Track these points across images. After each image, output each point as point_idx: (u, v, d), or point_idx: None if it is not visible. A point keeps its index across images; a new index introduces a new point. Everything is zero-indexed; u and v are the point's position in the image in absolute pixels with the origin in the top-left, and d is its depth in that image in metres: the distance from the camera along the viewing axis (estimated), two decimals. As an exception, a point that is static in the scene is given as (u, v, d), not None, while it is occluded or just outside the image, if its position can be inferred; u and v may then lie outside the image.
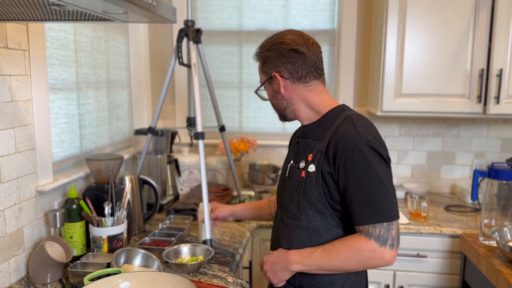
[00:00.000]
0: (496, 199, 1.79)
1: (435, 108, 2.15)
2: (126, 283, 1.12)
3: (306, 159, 1.27)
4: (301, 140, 1.33)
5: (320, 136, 1.26)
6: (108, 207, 1.57)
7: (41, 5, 0.83)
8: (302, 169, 1.26)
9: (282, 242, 1.33)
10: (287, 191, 1.32)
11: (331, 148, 1.19)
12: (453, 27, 2.08)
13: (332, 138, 1.21)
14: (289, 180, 1.32)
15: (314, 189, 1.22)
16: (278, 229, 1.37)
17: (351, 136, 1.17)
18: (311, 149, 1.27)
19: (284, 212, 1.34)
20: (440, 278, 2.02)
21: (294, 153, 1.34)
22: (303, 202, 1.25)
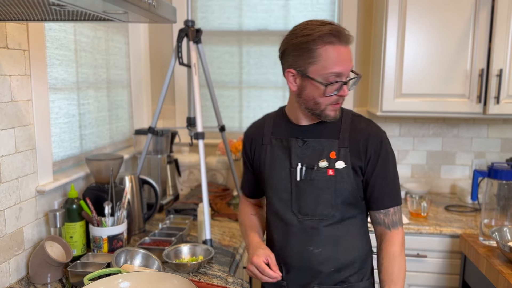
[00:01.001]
0: (496, 199, 1.79)
1: (435, 108, 2.15)
2: (126, 283, 1.12)
3: (328, 158, 1.27)
4: (311, 140, 1.29)
5: (333, 134, 1.29)
6: (108, 207, 1.57)
7: (41, 5, 0.83)
8: (327, 168, 1.26)
9: (311, 247, 1.29)
10: (308, 196, 1.27)
11: (358, 143, 1.28)
12: (453, 27, 2.08)
13: (353, 134, 1.28)
14: (308, 183, 1.27)
15: (347, 184, 1.26)
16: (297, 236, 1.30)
17: (376, 130, 1.30)
18: (330, 147, 1.27)
19: (305, 217, 1.28)
20: (440, 278, 2.02)
21: (294, 154, 1.29)
22: (335, 200, 1.27)
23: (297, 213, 1.30)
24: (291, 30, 1.25)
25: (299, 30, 1.21)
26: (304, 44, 1.18)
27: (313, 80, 1.20)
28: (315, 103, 1.23)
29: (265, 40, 2.60)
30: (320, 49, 1.17)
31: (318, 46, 1.17)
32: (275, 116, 1.40)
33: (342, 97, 1.23)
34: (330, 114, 1.25)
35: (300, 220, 1.30)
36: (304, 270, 1.31)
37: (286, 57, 1.24)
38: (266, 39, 2.60)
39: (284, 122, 1.35)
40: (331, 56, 1.17)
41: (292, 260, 1.32)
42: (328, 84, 1.19)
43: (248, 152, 1.42)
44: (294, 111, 1.32)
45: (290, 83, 1.26)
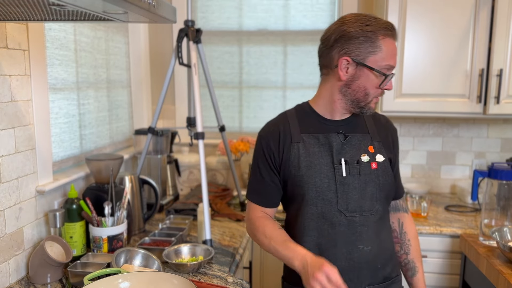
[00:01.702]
0: (496, 199, 1.78)
1: (435, 108, 2.15)
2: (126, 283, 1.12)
3: (368, 151, 1.28)
4: (350, 135, 1.28)
5: (363, 128, 1.32)
6: (108, 207, 1.57)
7: (41, 5, 0.83)
8: (370, 162, 1.27)
9: (362, 246, 1.25)
10: (354, 191, 1.25)
11: (386, 136, 1.34)
12: (453, 27, 2.08)
13: (380, 129, 1.34)
14: (355, 178, 1.25)
15: (387, 176, 1.30)
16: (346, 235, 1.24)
17: (392, 124, 1.41)
18: (366, 142, 1.29)
19: (353, 214, 1.24)
20: (440, 278, 2.01)
21: (336, 150, 1.26)
22: (379, 194, 1.28)
23: (344, 211, 1.24)
24: (341, 19, 1.23)
25: (353, 19, 1.20)
26: (368, 33, 1.18)
27: (372, 70, 1.20)
28: (365, 94, 1.23)
29: (265, 40, 2.60)
30: (382, 40, 1.18)
31: (381, 37, 1.18)
32: (297, 113, 1.34)
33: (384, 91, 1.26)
34: (372, 107, 1.26)
35: (349, 218, 1.24)
36: (353, 271, 1.25)
37: (342, 45, 1.20)
38: (266, 39, 2.60)
39: (314, 117, 1.31)
40: (389, 49, 1.20)
41: (341, 263, 1.24)
42: (388, 75, 1.21)
43: (273, 153, 1.29)
44: (330, 104, 1.29)
45: (341, 71, 1.21)
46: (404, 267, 1.40)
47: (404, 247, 1.39)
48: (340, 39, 1.20)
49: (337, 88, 1.26)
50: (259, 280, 2.17)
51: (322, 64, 1.29)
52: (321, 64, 1.29)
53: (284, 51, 2.60)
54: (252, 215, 1.34)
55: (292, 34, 2.58)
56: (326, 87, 1.29)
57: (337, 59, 1.22)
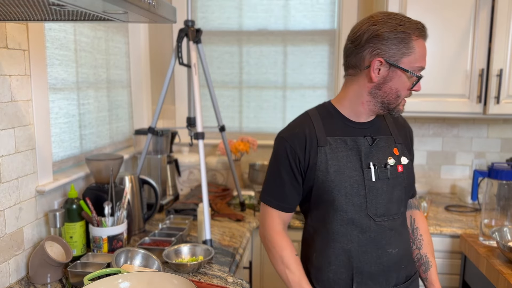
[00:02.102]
0: (496, 199, 1.79)
1: (435, 108, 2.15)
2: (126, 283, 1.12)
3: (393, 154, 1.27)
4: (377, 137, 1.26)
5: (386, 130, 1.31)
6: (108, 207, 1.57)
7: (41, 5, 0.83)
8: (397, 165, 1.26)
9: (391, 250, 1.25)
10: (383, 195, 1.23)
11: (406, 138, 1.35)
12: (453, 27, 2.08)
13: (400, 130, 1.34)
14: (384, 183, 1.23)
15: (411, 178, 1.32)
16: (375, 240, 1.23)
17: (407, 123, 1.40)
18: (390, 144, 1.28)
19: (382, 219, 1.23)
20: (440, 278, 2.00)
21: (365, 153, 1.23)
22: (405, 196, 1.29)
23: (374, 216, 1.22)
24: (371, 18, 1.18)
25: (384, 19, 1.16)
26: (401, 34, 1.14)
27: (406, 71, 1.16)
28: (397, 96, 1.20)
29: (265, 40, 2.60)
30: (415, 41, 1.16)
31: (414, 38, 1.15)
32: (320, 114, 1.28)
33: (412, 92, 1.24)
34: (401, 108, 1.24)
35: (378, 223, 1.23)
36: (382, 274, 1.25)
37: (375, 45, 1.16)
38: (266, 39, 2.60)
39: (339, 119, 1.27)
40: (422, 50, 1.17)
41: (371, 267, 1.23)
42: (420, 77, 1.19)
43: (299, 156, 1.23)
44: (357, 106, 1.24)
45: (373, 73, 1.17)
46: (417, 262, 1.38)
47: (417, 242, 1.39)
48: (373, 39, 1.16)
49: (367, 90, 1.21)
50: (259, 280, 2.17)
51: (350, 64, 1.23)
52: (348, 64, 1.23)
53: (284, 51, 2.60)
54: (270, 225, 1.30)
55: (292, 34, 2.58)
56: (353, 88, 1.24)
57: (369, 59, 1.17)
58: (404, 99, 1.23)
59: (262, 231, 1.33)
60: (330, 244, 1.24)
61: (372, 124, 1.28)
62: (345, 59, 1.25)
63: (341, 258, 1.23)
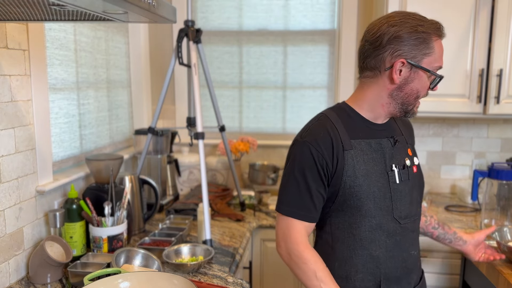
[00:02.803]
0: (496, 199, 1.79)
1: (435, 108, 2.15)
2: (126, 283, 1.12)
3: (408, 155, 1.27)
4: (398, 139, 1.26)
5: (398, 131, 1.31)
6: (108, 207, 1.57)
7: (41, 5, 0.83)
8: (412, 166, 1.27)
9: (413, 252, 1.26)
10: (405, 197, 1.22)
11: (411, 136, 1.36)
12: (453, 27, 2.08)
13: (406, 129, 1.35)
14: (406, 185, 1.23)
15: (422, 178, 1.32)
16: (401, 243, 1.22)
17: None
18: (404, 145, 1.29)
19: (406, 221, 1.23)
20: (440, 278, 2.01)
21: (388, 156, 1.22)
22: (420, 197, 1.30)
23: (399, 219, 1.20)
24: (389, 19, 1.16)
25: (404, 19, 1.14)
26: (422, 34, 1.13)
27: (427, 71, 1.15)
28: (416, 97, 1.19)
29: (265, 40, 2.60)
30: (435, 42, 1.15)
31: (434, 38, 1.15)
32: (338, 115, 1.23)
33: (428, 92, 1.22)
34: (415, 110, 1.23)
35: (403, 226, 1.21)
36: (406, 277, 1.24)
37: (396, 46, 1.13)
38: (266, 39, 2.60)
39: (361, 122, 1.23)
40: (440, 50, 1.17)
41: (397, 271, 1.22)
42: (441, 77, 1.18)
43: (327, 162, 1.17)
44: (376, 108, 1.22)
45: (395, 74, 1.15)
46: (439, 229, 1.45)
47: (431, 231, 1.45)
48: (394, 40, 1.13)
49: (387, 92, 1.19)
50: (259, 280, 2.17)
51: (368, 65, 1.19)
52: (366, 65, 1.20)
53: (284, 51, 2.60)
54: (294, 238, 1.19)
55: (292, 34, 2.58)
56: (372, 90, 1.20)
57: (390, 61, 1.15)
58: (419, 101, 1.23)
59: (286, 247, 1.20)
60: (357, 251, 1.20)
61: (388, 126, 1.27)
62: (363, 60, 1.21)
63: (369, 266, 1.19)
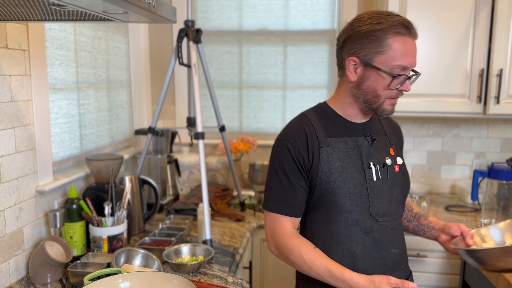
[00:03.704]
0: (496, 199, 1.79)
1: (435, 108, 2.15)
2: (126, 283, 1.12)
3: (390, 155, 1.28)
4: (376, 138, 1.27)
5: (382, 131, 1.32)
6: (108, 207, 1.57)
7: (41, 5, 0.83)
8: (394, 165, 1.27)
9: (393, 250, 1.25)
10: (383, 195, 1.23)
11: (398, 139, 1.37)
12: (453, 27, 2.08)
13: (392, 130, 1.36)
14: (384, 183, 1.24)
15: (407, 179, 1.32)
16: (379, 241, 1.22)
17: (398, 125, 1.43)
18: (386, 144, 1.30)
19: (384, 219, 1.23)
20: (440, 278, 2.01)
21: (365, 153, 1.24)
22: (403, 196, 1.30)
23: (376, 216, 1.22)
24: (355, 18, 1.19)
25: (366, 17, 1.16)
26: (375, 32, 1.13)
27: (379, 70, 1.15)
28: (375, 96, 1.18)
29: (265, 40, 2.60)
30: (390, 39, 1.13)
31: (389, 36, 1.13)
32: (317, 114, 1.27)
33: (402, 92, 1.19)
34: (387, 108, 1.20)
35: (380, 223, 1.22)
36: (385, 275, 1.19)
37: (350, 44, 1.17)
38: (266, 39, 2.60)
39: (337, 120, 1.26)
40: (400, 48, 1.13)
41: (376, 269, 1.21)
42: (395, 76, 1.15)
43: (303, 157, 1.20)
44: (347, 106, 1.25)
45: (350, 73, 1.18)
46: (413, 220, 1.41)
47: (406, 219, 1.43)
48: (349, 39, 1.17)
49: (350, 90, 1.22)
50: (259, 280, 2.17)
51: (337, 65, 1.26)
52: (337, 65, 1.26)
53: (284, 51, 2.60)
54: (280, 231, 1.22)
55: (292, 34, 2.58)
56: (342, 88, 1.25)
57: (345, 59, 1.19)
58: (392, 99, 1.20)
59: (274, 242, 1.23)
60: (334, 247, 1.21)
61: (368, 125, 1.29)
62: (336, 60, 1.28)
63: (346, 261, 1.20)
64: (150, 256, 1.45)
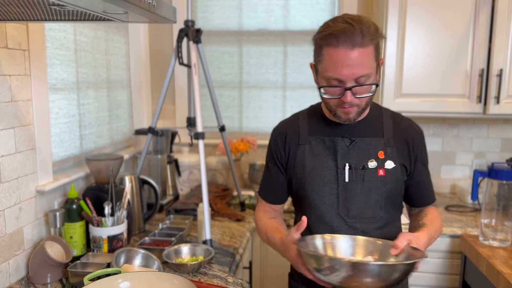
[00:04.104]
0: (496, 199, 1.79)
1: (435, 108, 2.15)
2: (126, 283, 1.12)
3: (377, 157, 1.23)
4: (358, 139, 1.24)
5: (376, 133, 1.26)
6: (108, 207, 1.57)
7: (41, 5, 0.83)
8: (377, 168, 1.23)
9: None
10: (357, 197, 1.23)
11: (404, 142, 1.27)
12: (453, 27, 2.08)
13: (398, 133, 1.27)
14: (359, 184, 1.23)
15: (396, 184, 1.25)
16: None
17: (417, 128, 1.31)
18: (376, 147, 1.24)
19: (354, 221, 1.23)
20: (440, 278, 2.01)
21: (341, 154, 1.24)
22: (385, 201, 1.24)
23: (345, 217, 1.23)
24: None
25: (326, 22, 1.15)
26: (317, 40, 1.14)
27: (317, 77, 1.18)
28: (326, 102, 1.20)
29: (265, 40, 2.60)
30: (325, 49, 1.11)
31: (323, 45, 1.11)
32: (307, 114, 1.33)
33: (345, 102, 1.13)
34: (342, 116, 1.18)
35: (349, 224, 1.23)
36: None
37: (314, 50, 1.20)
38: (266, 39, 2.60)
39: (322, 120, 1.29)
40: (331, 59, 1.10)
41: None
42: (322, 86, 1.15)
43: (280, 152, 1.31)
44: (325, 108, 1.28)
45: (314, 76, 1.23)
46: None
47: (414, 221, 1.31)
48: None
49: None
50: (259, 280, 2.17)
51: None
52: None
53: (284, 51, 2.60)
54: (257, 212, 1.41)
55: (292, 34, 2.58)
56: None
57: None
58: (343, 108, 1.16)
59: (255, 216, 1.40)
60: None
61: (356, 126, 1.25)
62: None
63: None
64: (150, 256, 1.45)
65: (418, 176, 1.30)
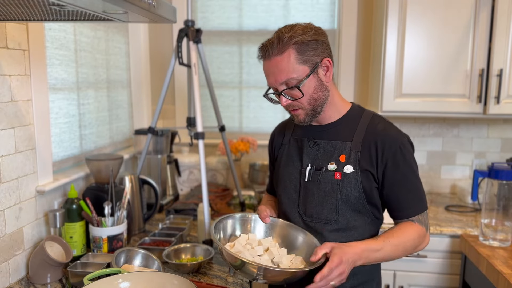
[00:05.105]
0: (496, 199, 1.79)
1: (435, 108, 2.15)
2: (126, 283, 1.12)
3: (338, 161, 1.23)
4: (322, 141, 1.26)
5: (347, 136, 1.25)
6: (108, 207, 1.57)
7: (41, 5, 0.83)
8: (335, 171, 1.22)
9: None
10: (313, 197, 1.26)
11: (371, 147, 1.21)
12: (453, 27, 2.08)
13: (367, 137, 1.22)
14: (315, 185, 1.25)
15: (353, 189, 1.21)
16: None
17: (395, 134, 1.22)
18: (341, 150, 1.24)
19: (310, 219, 1.27)
20: (440, 278, 2.01)
21: (310, 156, 1.28)
22: (340, 205, 1.23)
23: (303, 214, 1.29)
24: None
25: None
26: None
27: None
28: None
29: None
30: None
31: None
32: None
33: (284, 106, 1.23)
34: (294, 119, 1.27)
35: (306, 222, 1.29)
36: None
37: None
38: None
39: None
40: (264, 69, 1.24)
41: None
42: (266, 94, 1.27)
43: (271, 151, 1.46)
44: None
45: None
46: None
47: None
48: None
49: None
50: (259, 280, 2.17)
51: None
52: None
53: (284, 51, 2.59)
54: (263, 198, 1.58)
55: (292, 34, 2.57)
56: None
57: None
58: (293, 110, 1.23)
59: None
60: None
61: (330, 128, 1.28)
62: None
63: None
64: (150, 256, 1.45)
65: (393, 186, 1.21)
